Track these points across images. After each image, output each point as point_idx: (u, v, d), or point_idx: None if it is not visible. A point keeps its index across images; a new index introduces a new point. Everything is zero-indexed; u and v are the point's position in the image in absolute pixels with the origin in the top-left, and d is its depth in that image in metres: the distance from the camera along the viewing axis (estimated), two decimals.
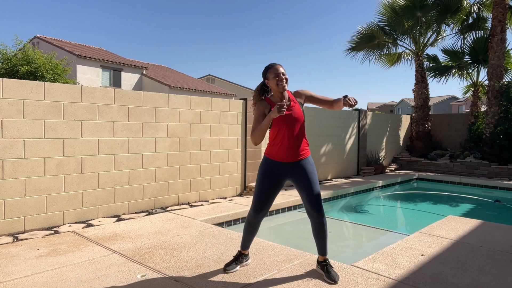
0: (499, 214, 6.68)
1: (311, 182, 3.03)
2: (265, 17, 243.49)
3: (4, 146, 4.13)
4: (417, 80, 11.80)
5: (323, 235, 3.10)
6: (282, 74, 2.99)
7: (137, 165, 5.28)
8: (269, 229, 5.49)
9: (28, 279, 2.99)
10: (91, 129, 4.81)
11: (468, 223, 4.88)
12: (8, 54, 12.94)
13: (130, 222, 4.71)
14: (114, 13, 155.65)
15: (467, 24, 11.90)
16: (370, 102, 69.50)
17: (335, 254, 4.09)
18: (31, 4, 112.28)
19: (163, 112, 5.55)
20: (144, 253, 3.59)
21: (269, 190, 3.07)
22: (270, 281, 3.00)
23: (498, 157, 9.96)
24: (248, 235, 3.23)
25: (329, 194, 7.15)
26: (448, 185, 9.50)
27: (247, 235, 3.23)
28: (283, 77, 2.98)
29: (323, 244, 3.12)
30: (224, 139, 6.42)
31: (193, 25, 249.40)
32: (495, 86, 10.14)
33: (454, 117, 12.27)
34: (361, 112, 9.98)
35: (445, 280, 3.07)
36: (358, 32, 12.03)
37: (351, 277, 3.09)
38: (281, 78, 2.97)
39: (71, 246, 3.78)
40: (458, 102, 50.04)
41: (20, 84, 4.23)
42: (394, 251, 3.73)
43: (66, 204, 4.62)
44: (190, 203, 5.90)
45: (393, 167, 11.00)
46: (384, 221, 6.25)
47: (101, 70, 23.80)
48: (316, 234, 3.11)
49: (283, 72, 3.00)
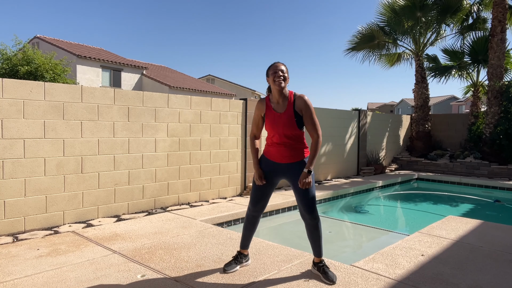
0: (499, 214, 6.68)
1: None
2: (265, 18, 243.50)
3: (4, 146, 4.13)
4: (417, 80, 11.80)
5: (317, 237, 3.09)
6: (281, 71, 2.92)
7: (137, 165, 5.28)
8: (269, 229, 5.49)
9: (28, 279, 2.99)
10: (91, 129, 4.81)
11: (468, 223, 4.88)
12: (8, 54, 12.95)
13: (130, 222, 4.71)
14: (114, 13, 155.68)
15: (467, 24, 11.91)
16: (370, 102, 69.52)
17: (335, 254, 4.09)
18: (31, 4, 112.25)
19: (163, 112, 5.55)
20: (144, 253, 3.59)
21: (264, 187, 3.14)
22: (270, 281, 3.00)
23: (498, 157, 9.96)
24: (247, 232, 3.24)
25: (329, 194, 7.15)
26: (448, 185, 9.50)
27: (246, 232, 3.25)
28: (280, 74, 2.92)
29: (317, 246, 3.11)
30: (224, 139, 6.42)
31: (193, 25, 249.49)
32: (495, 86, 10.14)
33: (454, 117, 12.27)
34: (361, 112, 9.99)
35: (445, 280, 3.07)
36: (358, 32, 12.04)
37: (351, 277, 3.09)
38: (278, 75, 2.91)
39: (71, 246, 3.78)
40: (458, 102, 50.04)
41: (20, 84, 4.23)
42: (394, 251, 3.73)
43: (66, 204, 4.62)
44: (190, 203, 5.90)
45: (393, 167, 11.00)
46: (384, 221, 6.25)
47: (101, 70, 23.80)
48: (310, 236, 3.11)
49: (282, 70, 2.94)
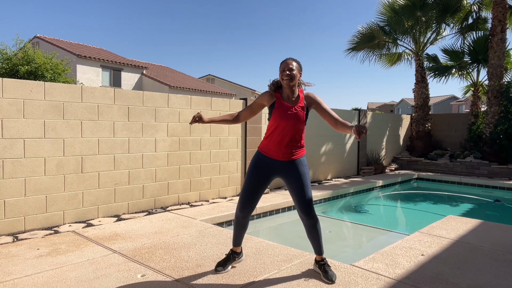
0: (499, 214, 6.68)
1: (303, 184, 2.97)
2: (266, 17, 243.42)
3: (4, 146, 4.13)
4: (417, 80, 11.80)
5: (316, 236, 3.07)
6: (289, 70, 2.90)
7: (137, 165, 5.28)
8: (269, 229, 5.50)
9: (28, 278, 2.99)
10: (91, 129, 4.81)
11: (468, 223, 4.88)
12: (8, 54, 12.93)
13: (130, 222, 4.71)
14: (114, 13, 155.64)
15: (467, 24, 11.90)
16: (370, 102, 69.52)
17: (335, 254, 4.09)
18: (31, 4, 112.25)
19: (163, 112, 5.55)
20: (144, 253, 3.59)
21: (257, 185, 3.02)
22: (270, 281, 3.00)
23: (498, 157, 9.96)
24: (238, 232, 3.22)
25: (329, 194, 7.15)
26: (448, 185, 9.50)
27: (237, 232, 3.22)
28: (287, 73, 2.90)
29: (317, 245, 3.10)
30: (224, 139, 6.42)
31: (193, 25, 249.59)
32: (495, 86, 10.14)
33: (454, 117, 12.27)
34: (361, 112, 9.98)
35: (445, 280, 3.07)
36: (358, 32, 12.04)
37: (351, 277, 3.09)
38: (285, 74, 2.90)
39: (71, 246, 3.78)
40: (458, 102, 50.03)
41: (20, 84, 4.23)
42: (394, 251, 3.73)
43: (66, 204, 4.62)
44: (190, 203, 5.90)
45: (393, 167, 11.00)
46: (384, 221, 6.25)
47: (101, 70, 23.80)
48: (309, 236, 3.09)
49: (290, 68, 2.91)
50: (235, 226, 3.21)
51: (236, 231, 3.21)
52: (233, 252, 3.27)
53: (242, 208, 3.08)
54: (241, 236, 3.24)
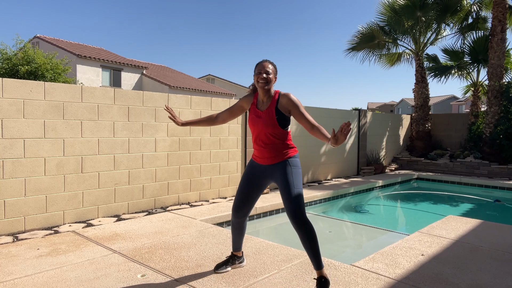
0: (499, 214, 6.68)
1: (288, 183, 2.75)
2: (266, 18, 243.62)
3: (4, 146, 4.13)
4: (417, 80, 11.80)
5: (309, 246, 2.69)
6: (266, 73, 2.77)
7: (137, 165, 5.28)
8: (269, 229, 5.50)
9: (28, 278, 2.99)
10: (91, 129, 4.81)
11: (468, 223, 4.88)
12: (8, 54, 12.93)
13: (130, 222, 4.71)
14: (114, 13, 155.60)
15: (467, 24, 11.91)
16: (370, 102, 69.53)
17: (335, 254, 4.10)
18: (31, 4, 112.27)
19: (163, 112, 5.55)
20: (144, 253, 3.59)
21: (249, 189, 2.98)
22: (270, 281, 3.00)
23: (498, 157, 9.96)
24: (235, 237, 3.18)
25: (329, 194, 7.15)
26: (448, 185, 9.50)
27: (234, 237, 3.19)
28: (263, 76, 2.76)
29: (312, 257, 2.72)
30: (224, 139, 6.42)
31: (193, 25, 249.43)
32: (495, 86, 10.14)
33: (454, 117, 12.27)
34: (361, 112, 9.98)
35: (445, 280, 3.07)
36: (358, 32, 12.04)
37: (351, 277, 3.09)
38: (261, 77, 2.77)
39: (71, 246, 3.78)
40: (458, 102, 50.05)
41: (20, 84, 4.23)
42: (394, 251, 3.73)
43: (66, 204, 4.62)
44: (190, 203, 5.90)
45: (393, 167, 11.00)
46: (384, 221, 6.25)
47: (101, 70, 23.80)
48: (302, 244, 2.73)
49: (266, 71, 2.78)
50: (231, 230, 3.20)
51: (234, 235, 3.19)
52: (233, 255, 3.26)
53: (235, 212, 3.06)
54: (240, 241, 3.21)
